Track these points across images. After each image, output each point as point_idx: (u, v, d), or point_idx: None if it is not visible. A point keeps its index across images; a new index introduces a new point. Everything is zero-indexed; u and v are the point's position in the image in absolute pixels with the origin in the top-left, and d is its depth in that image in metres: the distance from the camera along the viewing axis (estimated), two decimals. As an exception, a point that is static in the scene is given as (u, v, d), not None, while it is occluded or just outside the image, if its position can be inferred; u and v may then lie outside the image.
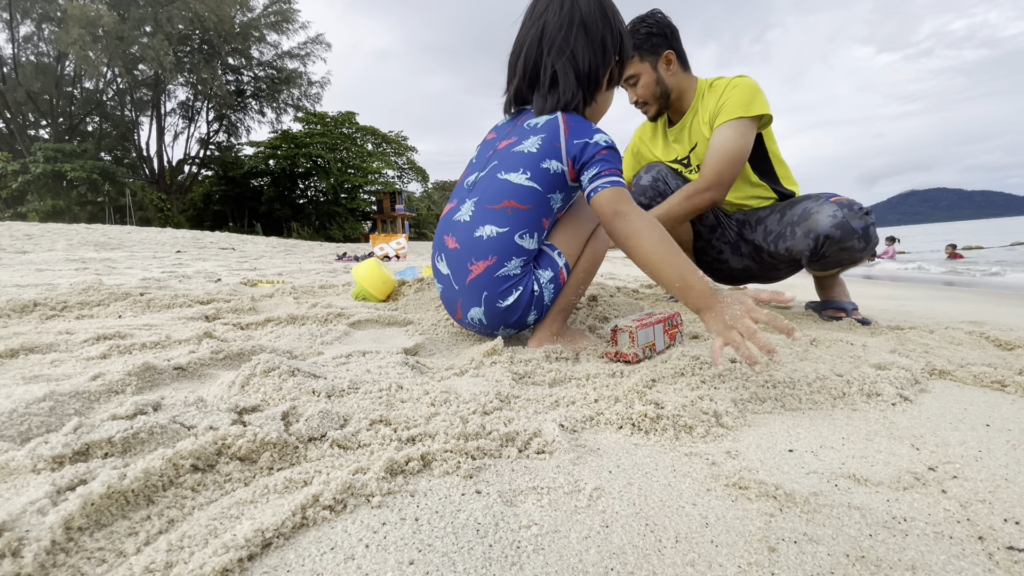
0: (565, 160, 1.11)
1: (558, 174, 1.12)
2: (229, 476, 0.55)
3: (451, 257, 1.18)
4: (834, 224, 1.50)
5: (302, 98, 31.00)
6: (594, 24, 1.14)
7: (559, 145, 1.11)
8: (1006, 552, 0.46)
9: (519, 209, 1.11)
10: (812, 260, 1.61)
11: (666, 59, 1.73)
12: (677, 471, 0.61)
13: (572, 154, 1.11)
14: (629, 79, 1.78)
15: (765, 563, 0.44)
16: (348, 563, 0.43)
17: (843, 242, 1.51)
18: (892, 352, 1.18)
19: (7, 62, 24.11)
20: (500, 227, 1.11)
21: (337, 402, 0.76)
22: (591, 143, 1.09)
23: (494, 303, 1.13)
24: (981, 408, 0.83)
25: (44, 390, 0.68)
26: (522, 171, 1.12)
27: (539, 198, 1.12)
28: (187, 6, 23.58)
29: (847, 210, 1.51)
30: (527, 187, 1.12)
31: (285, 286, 2.29)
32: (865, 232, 1.50)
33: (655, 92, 1.78)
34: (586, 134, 1.10)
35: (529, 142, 1.14)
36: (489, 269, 1.11)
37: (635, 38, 1.71)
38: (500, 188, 1.13)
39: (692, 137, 1.81)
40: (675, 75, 1.76)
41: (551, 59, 1.14)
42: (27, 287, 2.16)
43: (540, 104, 1.17)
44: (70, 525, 0.42)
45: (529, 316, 1.17)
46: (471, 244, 1.13)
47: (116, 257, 4.94)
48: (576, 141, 1.10)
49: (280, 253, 8.02)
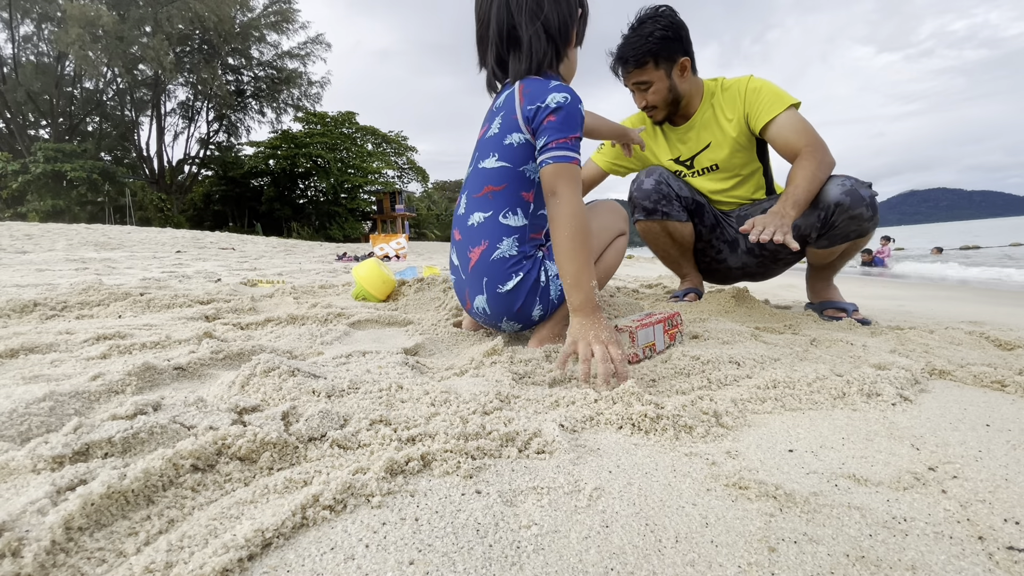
0: (524, 128, 1.09)
1: (523, 144, 1.11)
2: (229, 476, 0.55)
3: (458, 248, 1.24)
4: (844, 191, 1.51)
5: (302, 98, 31.01)
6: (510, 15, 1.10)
7: (515, 117, 1.10)
8: (1006, 552, 0.46)
9: (496, 191, 1.15)
10: (821, 233, 1.59)
11: (681, 66, 1.68)
12: (677, 471, 0.61)
13: (527, 119, 1.08)
14: (640, 84, 1.73)
15: (765, 563, 0.44)
16: (348, 563, 0.43)
17: (852, 209, 1.51)
18: (892, 352, 1.18)
19: (7, 62, 24.11)
20: (485, 212, 1.16)
21: (337, 402, 0.76)
22: (542, 107, 1.05)
23: (495, 288, 1.15)
24: (981, 408, 0.83)
25: (44, 390, 0.68)
26: (492, 155, 1.16)
27: (511, 174, 1.13)
28: (187, 6, 23.58)
29: (854, 180, 1.53)
30: (498, 168, 1.14)
31: (285, 286, 2.30)
32: (872, 201, 1.53)
33: (667, 99, 1.74)
34: (539, 96, 1.06)
35: (494, 125, 1.16)
36: (484, 254, 1.15)
37: (648, 42, 1.63)
38: (479, 177, 1.18)
39: (703, 138, 1.80)
40: (688, 80, 1.72)
41: (524, 19, 1.09)
42: (27, 287, 2.16)
43: (515, 68, 1.14)
44: (70, 525, 0.42)
45: (534, 309, 1.17)
46: (467, 233, 1.19)
47: (116, 257, 4.94)
48: (529, 107, 1.07)
49: (280, 253, 8.02)
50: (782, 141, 1.62)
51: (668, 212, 1.88)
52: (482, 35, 1.18)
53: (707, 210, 1.93)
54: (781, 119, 1.63)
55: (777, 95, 1.65)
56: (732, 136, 1.74)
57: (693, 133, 1.82)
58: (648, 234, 1.98)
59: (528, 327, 1.23)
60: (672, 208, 1.88)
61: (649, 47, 1.64)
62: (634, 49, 1.66)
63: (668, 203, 1.88)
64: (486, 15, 1.14)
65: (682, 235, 1.93)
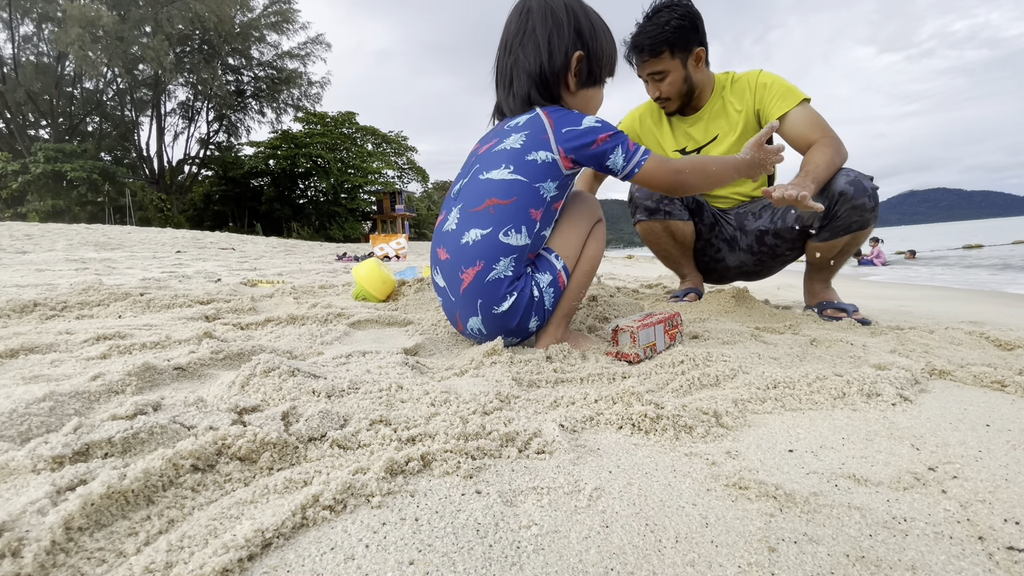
0: (555, 149, 1.11)
1: (548, 163, 1.11)
2: (229, 476, 0.55)
3: (444, 268, 1.17)
4: (848, 181, 1.52)
5: (302, 98, 31.01)
6: (543, 25, 1.16)
7: (546, 137, 1.11)
8: (1006, 552, 0.46)
9: (501, 205, 1.09)
10: (823, 224, 1.59)
11: (696, 56, 1.67)
12: (677, 471, 0.61)
13: (564, 144, 1.11)
14: (655, 74, 1.71)
15: (765, 563, 0.44)
16: (348, 563, 0.43)
17: (856, 199, 1.51)
18: (892, 352, 1.18)
19: (7, 62, 24.10)
20: (483, 229, 1.09)
21: (337, 402, 0.76)
22: (585, 129, 1.11)
23: (490, 309, 1.11)
24: (981, 408, 0.83)
25: (44, 390, 0.68)
26: (504, 166, 1.11)
27: (524, 188, 1.10)
28: (187, 6, 23.58)
29: (857, 172, 1.54)
30: (510, 180, 1.10)
31: (285, 286, 2.29)
32: (874, 193, 1.54)
33: (681, 90, 1.73)
34: (573, 121, 1.12)
35: (511, 139, 1.13)
36: (479, 275, 1.09)
37: (664, 31, 1.62)
38: (482, 188, 1.13)
39: (711, 130, 1.79)
40: (701, 71, 1.72)
41: (509, 61, 1.20)
42: (27, 287, 2.17)
43: (505, 103, 1.22)
44: (70, 525, 0.42)
45: (530, 322, 1.16)
46: (459, 252, 1.12)
47: (116, 257, 4.94)
48: (565, 130, 1.11)
49: (280, 253, 8.02)
50: (796, 133, 1.61)
51: (670, 211, 1.88)
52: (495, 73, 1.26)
53: (706, 208, 1.93)
54: (795, 113, 1.62)
55: (789, 89, 1.65)
56: (739, 129, 1.74)
57: (702, 124, 1.81)
58: (650, 234, 1.98)
59: (527, 338, 1.23)
60: (674, 207, 1.88)
61: (666, 36, 1.62)
62: (650, 38, 1.64)
63: (670, 202, 1.88)
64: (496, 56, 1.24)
65: (684, 234, 1.93)
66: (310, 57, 30.01)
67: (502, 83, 1.23)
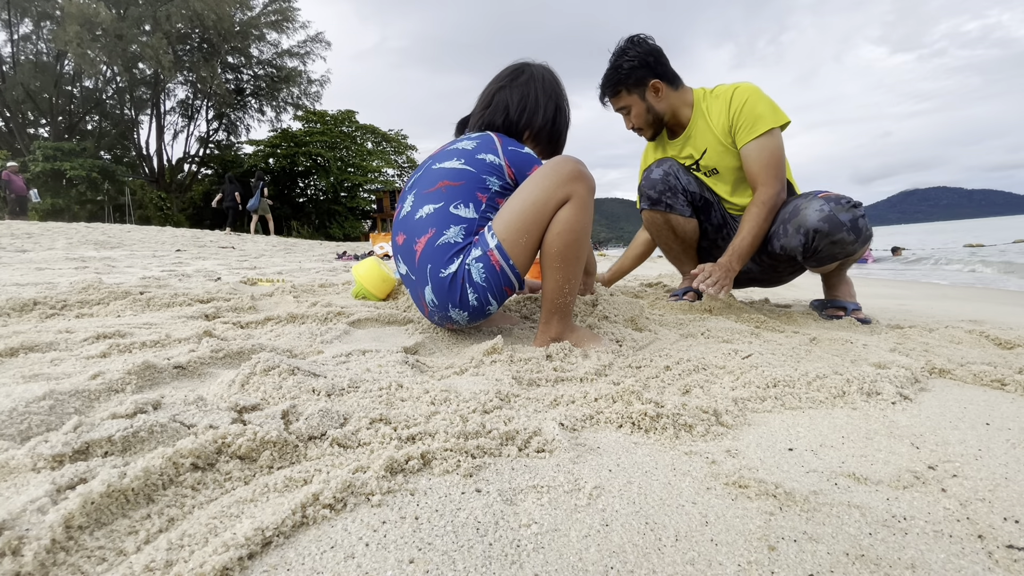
0: (502, 157, 1.23)
1: (495, 164, 1.22)
2: (229, 475, 0.55)
3: (403, 251, 1.24)
4: (821, 218, 1.52)
5: (302, 96, 30.93)
6: (543, 88, 1.40)
7: (495, 147, 1.25)
8: (1006, 551, 0.46)
9: (451, 186, 1.19)
10: (806, 256, 1.62)
11: (653, 88, 1.79)
12: (677, 470, 0.61)
13: (509, 156, 1.24)
14: (621, 110, 1.87)
15: (765, 562, 0.44)
16: (348, 562, 0.43)
17: (832, 235, 1.52)
18: (892, 351, 1.18)
19: (6, 60, 24.05)
20: (435, 203, 1.18)
21: (337, 401, 0.76)
22: (527, 154, 1.26)
23: (437, 273, 1.14)
24: (981, 407, 0.83)
25: (44, 389, 0.68)
26: (456, 159, 1.23)
27: (471, 175, 1.20)
28: (186, 4, 23.52)
29: (834, 204, 1.53)
30: (460, 168, 1.21)
31: (285, 285, 2.29)
32: (854, 224, 1.52)
33: (647, 119, 1.86)
34: (518, 146, 1.27)
35: (463, 143, 1.27)
36: (430, 241, 1.16)
37: (618, 73, 1.78)
38: (434, 175, 1.23)
39: (699, 144, 1.84)
40: (664, 99, 1.81)
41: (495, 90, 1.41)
42: (27, 286, 2.16)
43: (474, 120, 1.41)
44: (70, 524, 0.42)
45: (470, 297, 1.13)
46: (412, 227, 1.20)
47: (116, 256, 4.93)
48: (511, 148, 1.25)
49: (280, 252, 8.01)
50: (747, 169, 1.72)
51: (672, 205, 1.88)
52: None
53: (715, 209, 1.92)
54: (752, 146, 1.69)
55: (757, 117, 1.68)
56: (720, 140, 1.78)
57: (690, 143, 1.87)
58: (652, 224, 1.99)
59: (478, 318, 1.19)
60: (676, 201, 1.88)
61: (619, 77, 1.79)
62: (607, 80, 1.83)
63: (673, 196, 1.88)
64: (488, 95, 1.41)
65: (684, 230, 1.93)
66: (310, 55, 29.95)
67: (481, 103, 1.41)
